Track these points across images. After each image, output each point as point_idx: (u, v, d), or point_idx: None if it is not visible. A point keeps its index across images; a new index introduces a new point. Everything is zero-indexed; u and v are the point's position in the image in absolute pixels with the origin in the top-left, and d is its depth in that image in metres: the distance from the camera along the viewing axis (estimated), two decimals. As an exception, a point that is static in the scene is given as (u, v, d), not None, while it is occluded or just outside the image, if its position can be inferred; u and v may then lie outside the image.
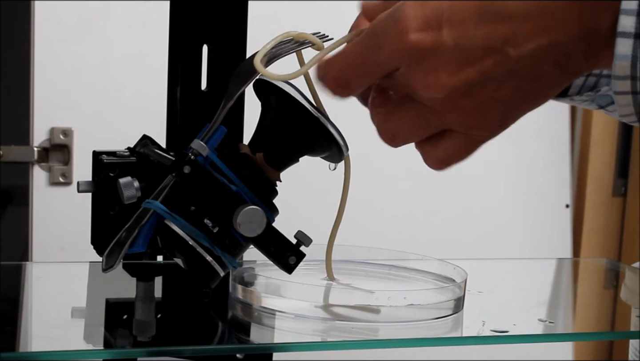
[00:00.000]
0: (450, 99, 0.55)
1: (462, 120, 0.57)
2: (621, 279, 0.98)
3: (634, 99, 0.52)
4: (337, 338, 0.76)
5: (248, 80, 0.68)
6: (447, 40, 0.53)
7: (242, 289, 0.79)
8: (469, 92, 0.55)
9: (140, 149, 0.76)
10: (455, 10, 0.53)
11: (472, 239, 1.64)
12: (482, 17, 0.53)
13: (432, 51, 0.54)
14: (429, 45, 0.54)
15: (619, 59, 0.50)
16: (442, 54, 0.54)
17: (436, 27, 0.54)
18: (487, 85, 0.54)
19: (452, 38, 0.53)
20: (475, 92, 0.55)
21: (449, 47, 0.54)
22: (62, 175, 1.45)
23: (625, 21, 0.49)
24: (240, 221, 0.67)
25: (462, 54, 0.54)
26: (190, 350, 0.70)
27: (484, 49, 0.53)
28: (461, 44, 0.53)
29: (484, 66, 0.54)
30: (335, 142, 0.69)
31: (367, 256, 0.89)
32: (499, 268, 1.16)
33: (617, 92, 0.52)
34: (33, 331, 0.77)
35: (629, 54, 0.50)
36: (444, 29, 0.53)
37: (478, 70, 0.54)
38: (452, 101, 0.55)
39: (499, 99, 0.55)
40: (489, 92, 0.55)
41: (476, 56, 0.53)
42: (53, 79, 1.43)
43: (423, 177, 1.58)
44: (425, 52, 0.54)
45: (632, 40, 0.49)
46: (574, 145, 1.72)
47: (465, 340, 0.82)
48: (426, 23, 0.54)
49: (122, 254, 0.68)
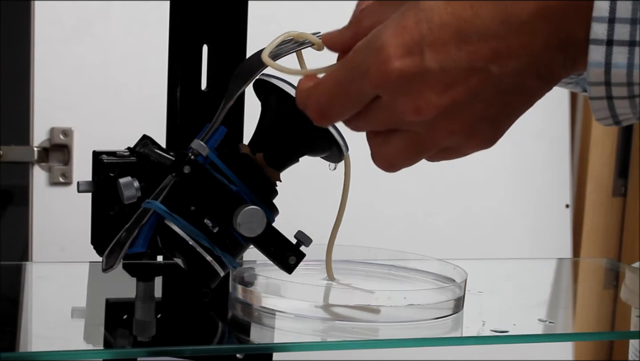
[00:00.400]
0: (440, 121, 0.56)
1: (453, 140, 0.57)
2: (621, 279, 0.98)
3: (608, 104, 0.52)
4: (337, 338, 0.76)
5: (248, 80, 0.68)
6: (430, 64, 0.54)
7: (242, 289, 0.79)
8: (458, 112, 0.55)
9: (140, 149, 0.76)
10: (436, 34, 0.54)
11: (472, 239, 1.64)
12: (463, 38, 0.53)
13: (417, 76, 0.54)
14: (414, 70, 0.54)
15: (592, 66, 0.51)
16: (427, 78, 0.54)
17: (418, 53, 0.54)
18: (475, 104, 0.55)
19: (436, 61, 0.54)
20: (464, 113, 0.55)
21: (433, 70, 0.54)
22: (62, 175, 1.45)
23: (597, 28, 0.50)
24: (240, 221, 0.67)
25: (447, 75, 0.54)
26: (190, 350, 0.70)
27: (468, 70, 0.54)
28: (445, 67, 0.54)
29: (470, 85, 0.54)
30: (335, 142, 0.69)
31: (367, 256, 0.89)
32: (499, 268, 1.16)
33: (593, 98, 0.52)
34: (33, 331, 0.77)
35: (602, 60, 0.50)
36: (426, 53, 0.54)
37: (465, 89, 0.54)
38: (442, 123, 0.56)
39: (488, 117, 0.56)
40: (477, 112, 0.55)
41: (461, 77, 0.54)
42: (53, 79, 1.43)
43: (423, 177, 1.58)
44: (411, 78, 0.55)
45: (604, 47, 0.50)
46: (574, 145, 1.72)
47: (465, 340, 0.82)
48: (407, 49, 0.54)
49: (122, 254, 0.68)
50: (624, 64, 0.50)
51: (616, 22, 0.50)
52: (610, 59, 0.50)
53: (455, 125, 0.56)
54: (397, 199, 1.59)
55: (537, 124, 1.66)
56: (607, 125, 0.55)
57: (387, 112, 0.57)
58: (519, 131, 1.70)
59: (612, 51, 0.50)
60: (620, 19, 0.50)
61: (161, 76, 0.83)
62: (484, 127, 0.57)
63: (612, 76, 0.51)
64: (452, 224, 1.63)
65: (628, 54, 0.50)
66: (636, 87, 0.51)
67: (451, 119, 0.56)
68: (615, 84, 0.51)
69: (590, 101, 0.53)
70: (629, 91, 0.51)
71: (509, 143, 1.68)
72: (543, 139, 1.68)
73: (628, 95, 0.52)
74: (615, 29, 0.50)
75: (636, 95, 0.51)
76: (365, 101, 0.57)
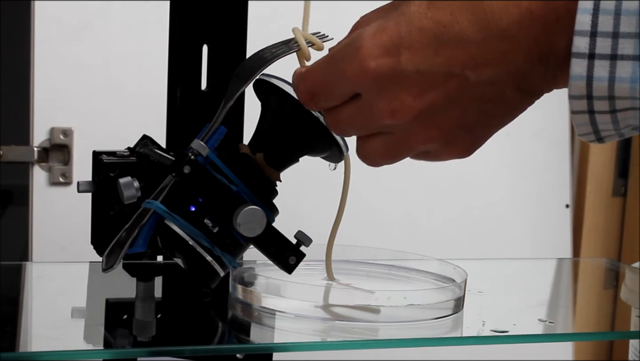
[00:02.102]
0: (417, 125, 0.56)
1: (430, 146, 0.57)
2: (621, 279, 0.98)
3: (590, 118, 0.52)
4: (337, 338, 0.76)
5: (248, 80, 0.68)
6: (406, 66, 0.54)
7: (242, 289, 0.79)
8: (434, 118, 0.55)
9: (140, 149, 0.75)
10: (414, 37, 0.54)
11: (472, 239, 1.64)
12: (442, 42, 0.53)
13: (393, 77, 0.55)
14: (389, 71, 0.55)
15: (574, 79, 0.51)
16: (403, 80, 0.55)
17: (395, 54, 0.54)
18: (451, 110, 0.55)
19: (412, 64, 0.54)
20: (440, 119, 0.56)
21: (409, 73, 0.54)
22: (62, 175, 1.45)
23: (579, 42, 0.50)
24: (240, 221, 0.67)
25: (423, 79, 0.54)
26: (190, 350, 0.70)
27: (444, 74, 0.54)
28: (422, 70, 0.54)
29: (446, 90, 0.54)
30: (335, 142, 0.69)
31: (367, 256, 0.89)
32: (499, 268, 1.16)
33: (574, 112, 0.52)
34: (33, 331, 0.77)
35: (584, 74, 0.50)
36: (402, 55, 0.54)
37: (441, 93, 0.54)
38: (418, 128, 0.56)
39: (464, 125, 0.56)
40: (454, 120, 0.56)
41: (438, 81, 0.54)
42: (53, 79, 1.43)
43: (423, 177, 1.58)
44: (386, 79, 0.55)
45: (586, 60, 0.50)
46: (574, 145, 1.72)
47: (465, 340, 0.82)
48: (385, 50, 0.55)
49: (122, 254, 0.68)
50: (606, 77, 0.50)
51: (598, 36, 0.50)
52: (592, 72, 0.50)
53: (431, 131, 0.56)
54: (397, 199, 1.59)
55: (537, 124, 1.66)
56: (589, 141, 0.54)
57: (366, 112, 0.58)
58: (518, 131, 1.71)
59: (594, 65, 0.50)
60: (602, 33, 0.50)
61: (161, 76, 0.83)
62: (461, 135, 0.57)
63: (593, 90, 0.51)
64: (452, 224, 1.63)
65: (609, 68, 0.50)
66: (618, 101, 0.51)
67: (427, 124, 0.56)
68: (597, 98, 0.51)
69: (572, 116, 0.53)
70: (610, 105, 0.51)
71: (508, 143, 1.69)
72: (543, 139, 1.68)
73: (609, 109, 0.51)
74: (597, 42, 0.50)
75: (617, 109, 0.51)
76: (344, 96, 0.58)
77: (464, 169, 1.60)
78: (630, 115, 0.52)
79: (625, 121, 0.52)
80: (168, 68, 0.80)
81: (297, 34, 0.68)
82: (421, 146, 0.58)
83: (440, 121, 0.56)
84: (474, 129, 0.57)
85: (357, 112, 0.58)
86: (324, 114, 0.62)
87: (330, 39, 0.71)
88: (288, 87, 0.69)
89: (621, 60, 0.50)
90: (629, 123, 0.52)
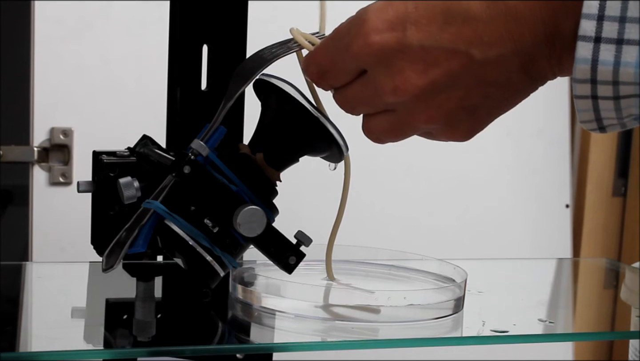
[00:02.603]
0: (419, 104, 0.56)
1: (432, 127, 0.57)
2: (621, 279, 0.98)
3: (593, 104, 0.52)
4: (337, 338, 0.76)
5: (248, 80, 0.68)
6: (411, 41, 0.54)
7: (242, 289, 0.79)
8: (437, 97, 0.55)
9: (140, 149, 0.76)
10: (421, 12, 0.54)
11: (472, 239, 1.64)
12: (448, 19, 0.53)
13: (397, 52, 0.54)
14: (393, 45, 0.54)
15: (579, 62, 0.51)
16: (407, 54, 0.54)
17: (400, 29, 0.54)
18: (454, 90, 0.55)
19: (417, 39, 0.54)
20: (442, 99, 0.55)
21: (413, 48, 0.54)
22: (62, 175, 1.45)
23: (586, 25, 0.50)
24: (240, 221, 0.67)
25: (427, 54, 0.54)
26: (190, 350, 0.70)
27: (449, 51, 0.53)
28: (426, 45, 0.54)
29: (450, 67, 0.54)
30: (335, 142, 0.69)
31: (367, 256, 0.89)
32: (499, 268, 1.16)
33: (578, 96, 0.52)
34: (33, 331, 0.77)
35: (589, 57, 0.50)
36: (408, 30, 0.54)
37: (444, 71, 0.54)
38: (420, 107, 0.56)
39: (467, 107, 0.56)
40: (456, 100, 0.55)
41: (441, 58, 0.54)
42: (53, 79, 1.43)
43: (423, 177, 1.58)
44: (390, 53, 0.54)
45: (592, 44, 0.50)
46: (574, 145, 1.72)
47: (465, 340, 0.82)
48: (390, 24, 0.54)
49: (122, 254, 0.68)
50: (611, 61, 0.50)
51: (605, 20, 0.50)
52: (597, 55, 0.50)
53: (433, 111, 0.56)
54: (397, 199, 1.59)
55: (537, 124, 1.66)
56: (591, 130, 0.54)
57: (370, 88, 0.57)
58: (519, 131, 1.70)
59: (600, 48, 0.50)
60: (609, 17, 0.49)
61: (161, 76, 0.83)
62: (462, 116, 0.56)
63: (598, 73, 0.50)
64: (452, 224, 1.63)
65: (615, 52, 0.50)
66: (622, 86, 0.51)
67: (430, 104, 0.55)
68: (601, 82, 0.51)
69: (575, 101, 0.53)
70: (614, 90, 0.51)
71: (509, 143, 1.69)
72: (543, 139, 1.68)
73: (613, 95, 0.51)
74: (604, 26, 0.50)
75: (621, 96, 0.51)
76: (351, 72, 0.58)
77: (464, 169, 1.60)
78: (632, 103, 0.51)
79: (628, 109, 0.52)
80: (168, 68, 0.80)
81: (296, 35, 0.68)
82: (423, 126, 0.57)
83: (443, 101, 0.55)
84: (475, 112, 0.56)
85: (362, 88, 0.58)
86: (333, 94, 0.62)
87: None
88: (288, 87, 0.69)
89: (627, 45, 0.49)
90: (631, 112, 0.52)
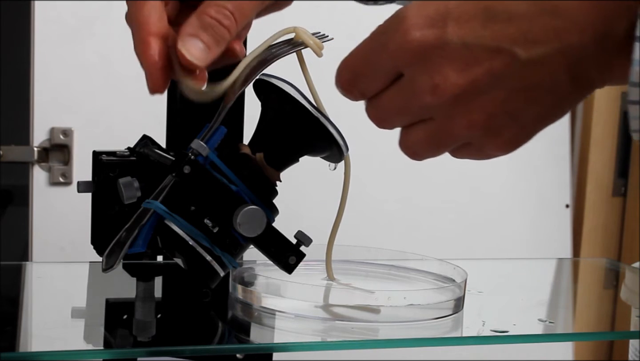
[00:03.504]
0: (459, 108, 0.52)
1: (473, 134, 0.53)
2: (621, 279, 0.98)
3: None
4: (337, 338, 0.76)
5: (248, 80, 0.68)
6: (452, 39, 0.51)
7: (242, 289, 0.79)
8: (477, 98, 0.52)
9: (140, 149, 0.76)
10: (463, 9, 0.51)
11: (472, 239, 1.64)
12: (491, 16, 0.50)
13: (437, 49, 0.51)
14: (433, 43, 0.51)
15: (636, 64, 0.46)
16: (447, 52, 0.51)
17: (441, 25, 0.51)
18: (496, 91, 0.51)
19: (458, 36, 0.51)
20: (485, 101, 0.52)
21: (454, 45, 0.51)
22: (62, 175, 1.45)
23: None
24: (240, 221, 0.67)
25: (468, 52, 0.51)
26: (190, 350, 0.70)
27: (491, 49, 0.50)
28: (468, 43, 0.51)
29: (492, 66, 0.51)
30: (335, 142, 0.69)
31: (367, 256, 0.89)
32: (499, 268, 1.16)
33: (632, 102, 0.48)
34: (33, 331, 0.77)
35: None
36: (448, 26, 0.51)
37: (486, 70, 0.51)
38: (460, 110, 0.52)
39: (510, 112, 0.52)
40: (499, 104, 0.52)
41: (483, 56, 0.51)
42: (53, 79, 1.43)
43: (423, 177, 1.58)
44: (430, 51, 0.51)
45: None
46: (574, 145, 1.72)
47: (465, 340, 0.82)
48: (430, 21, 0.51)
49: (122, 254, 0.68)
50: None
51: None
52: None
53: (474, 115, 0.52)
54: (397, 199, 1.59)
55: (537, 124, 1.66)
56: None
57: (407, 91, 0.54)
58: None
59: None
60: None
61: (161, 76, 0.83)
62: (506, 122, 0.52)
63: None
64: (452, 224, 1.63)
65: None
66: None
67: (470, 106, 0.52)
68: None
69: (630, 107, 0.48)
70: None
71: (509, 143, 1.69)
72: (543, 139, 1.67)
73: None
74: None
75: None
76: (387, 74, 0.54)
77: (464, 170, 1.60)
78: None
79: None
80: (168, 68, 0.80)
81: (302, 35, 0.68)
82: (463, 133, 0.53)
83: (484, 103, 0.52)
84: (520, 118, 0.52)
85: (398, 93, 0.54)
86: (365, 106, 0.58)
87: (330, 39, 0.71)
88: (288, 87, 0.69)
89: None
90: None
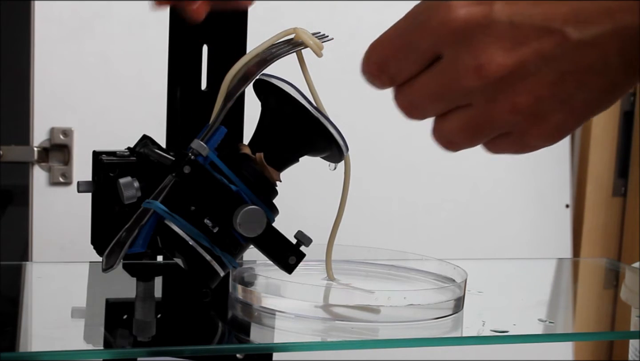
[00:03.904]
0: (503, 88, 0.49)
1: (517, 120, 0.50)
2: (621, 279, 0.98)
3: None
4: (337, 338, 0.76)
5: (248, 80, 0.68)
6: (499, 17, 0.48)
7: (242, 289, 0.79)
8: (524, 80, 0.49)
9: (140, 149, 0.76)
10: None
11: (472, 239, 1.64)
12: None
13: (483, 28, 0.48)
14: (480, 21, 0.48)
15: None
16: (494, 30, 0.48)
17: (487, 3, 0.48)
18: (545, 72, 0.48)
19: (506, 15, 0.48)
20: (531, 81, 0.49)
21: (501, 23, 0.48)
22: (62, 175, 1.45)
23: None
24: (240, 221, 0.67)
25: (516, 31, 0.48)
26: (190, 350, 0.70)
27: (541, 29, 0.48)
28: (516, 21, 0.48)
29: (541, 46, 0.48)
30: (335, 142, 0.69)
31: (367, 256, 0.89)
32: (499, 268, 1.16)
33: None
34: (33, 331, 0.77)
35: None
36: (496, 4, 0.48)
37: (535, 51, 0.48)
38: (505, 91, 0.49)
39: (559, 96, 0.49)
40: (548, 86, 0.49)
41: (532, 36, 0.48)
42: (53, 78, 1.43)
43: (423, 177, 1.58)
44: (475, 29, 0.48)
45: None
46: (574, 145, 1.72)
47: (465, 340, 0.82)
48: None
49: (122, 254, 0.68)
50: None
51: None
52: None
53: (520, 97, 0.49)
54: (397, 198, 1.59)
55: (537, 124, 1.66)
56: None
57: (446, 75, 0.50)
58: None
59: None
60: None
61: (161, 75, 0.83)
62: (553, 107, 0.49)
63: None
64: (452, 224, 1.63)
65: None
66: None
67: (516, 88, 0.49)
68: None
69: None
70: None
71: (509, 143, 1.69)
72: (543, 139, 1.68)
73: None
74: None
75: None
76: (423, 56, 0.51)
77: (464, 169, 1.60)
78: None
79: None
80: (168, 68, 0.80)
81: (302, 35, 0.68)
82: (506, 118, 0.50)
83: (531, 86, 0.48)
84: (569, 102, 0.49)
85: (435, 77, 0.51)
86: (393, 94, 0.53)
87: (330, 39, 0.71)
88: (288, 87, 0.69)
89: None
90: None
